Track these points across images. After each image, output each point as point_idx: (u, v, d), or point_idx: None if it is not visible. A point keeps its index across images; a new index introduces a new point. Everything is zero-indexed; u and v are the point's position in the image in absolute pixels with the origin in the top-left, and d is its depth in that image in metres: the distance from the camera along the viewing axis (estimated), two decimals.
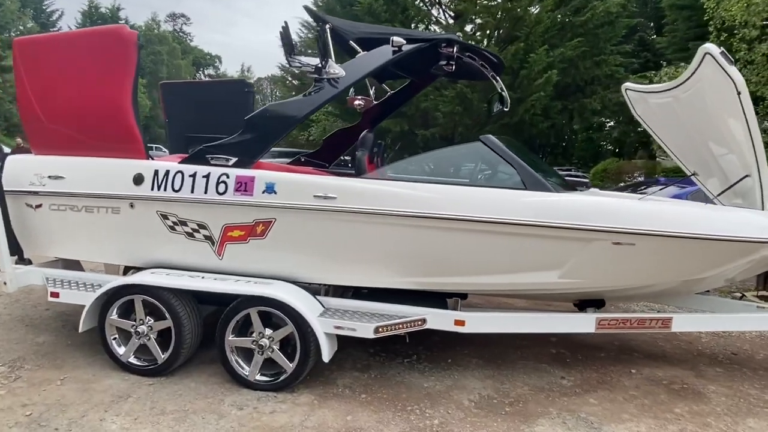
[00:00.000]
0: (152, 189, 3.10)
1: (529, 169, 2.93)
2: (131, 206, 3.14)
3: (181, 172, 3.09)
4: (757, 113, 3.89)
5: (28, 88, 3.23)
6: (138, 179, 3.10)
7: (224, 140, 3.16)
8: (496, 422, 2.75)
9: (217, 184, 3.03)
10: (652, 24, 23.92)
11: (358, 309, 3.11)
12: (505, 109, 3.76)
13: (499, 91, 3.72)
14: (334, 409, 2.81)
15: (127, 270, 3.90)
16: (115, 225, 3.22)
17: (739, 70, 3.19)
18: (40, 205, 3.31)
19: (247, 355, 3.02)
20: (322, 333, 2.84)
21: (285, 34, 3.03)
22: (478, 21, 10.40)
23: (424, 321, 3.03)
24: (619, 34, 10.07)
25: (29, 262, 3.57)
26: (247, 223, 3.04)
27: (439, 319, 3.06)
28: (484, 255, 2.95)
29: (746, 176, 3.31)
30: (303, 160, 4.75)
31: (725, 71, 2.87)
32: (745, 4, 6.62)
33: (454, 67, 3.88)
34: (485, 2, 8.44)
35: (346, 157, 6.11)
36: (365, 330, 2.88)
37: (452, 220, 2.84)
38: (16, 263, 3.45)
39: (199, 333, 3.13)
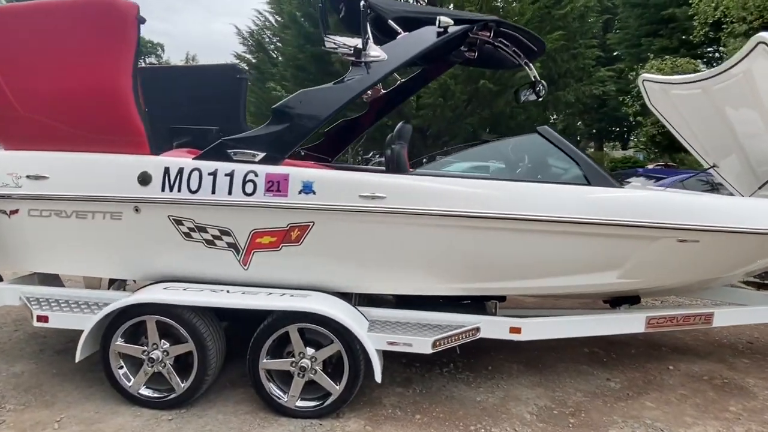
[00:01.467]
0: (163, 190, 2.58)
1: (591, 163, 2.67)
2: (136, 210, 2.60)
3: (199, 169, 2.58)
4: None
5: None
6: (144, 179, 2.56)
7: (248, 132, 2.69)
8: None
9: (244, 183, 2.55)
10: (600, 21, 24.76)
11: (404, 320, 2.75)
12: (539, 99, 3.47)
13: (533, 79, 3.42)
14: None
15: (111, 283, 3.33)
16: (115, 233, 2.67)
17: None
18: (15, 211, 2.70)
19: (283, 378, 2.59)
20: (374, 350, 2.47)
21: (322, 10, 2.58)
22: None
23: (478, 330, 2.72)
24: (594, 26, 10.17)
25: None
26: (279, 228, 2.59)
27: (492, 327, 2.76)
28: (544, 256, 2.68)
29: None
30: (303, 154, 4.27)
31: None
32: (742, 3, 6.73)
33: (476, 53, 3.56)
34: None
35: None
36: (422, 345, 2.53)
37: (516, 221, 2.53)
38: None
39: (224, 355, 2.65)
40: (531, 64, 3.45)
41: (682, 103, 3.93)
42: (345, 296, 2.74)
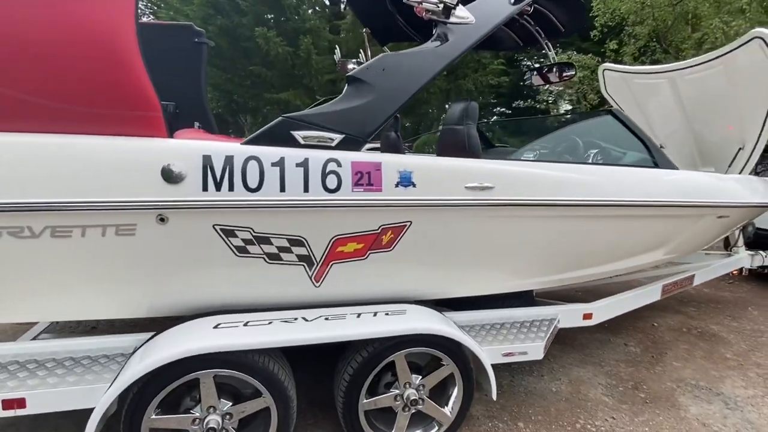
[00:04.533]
0: (205, 189, 1.68)
1: (657, 146, 2.53)
2: (161, 221, 1.66)
3: (257, 159, 1.74)
4: None
5: None
6: (172, 174, 1.63)
7: (318, 108, 1.91)
8: (654, 413, 2.46)
9: (324, 176, 1.80)
10: None
11: (488, 321, 2.34)
12: (562, 81, 3.24)
13: (551, 61, 3.16)
14: None
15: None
16: (123, 255, 1.68)
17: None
18: None
19: (383, 416, 1.97)
20: (490, 365, 2.00)
21: None
22: None
23: (558, 322, 2.44)
24: None
25: None
26: (369, 232, 1.92)
27: (569, 316, 2.52)
28: (624, 240, 2.51)
29: (740, 149, 3.54)
30: None
31: None
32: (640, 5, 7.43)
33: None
34: None
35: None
36: (536, 351, 2.18)
37: (617, 207, 2.28)
38: None
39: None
40: (550, 45, 3.18)
41: (641, 92, 4.13)
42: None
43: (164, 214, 1.68)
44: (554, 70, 3.07)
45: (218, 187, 1.70)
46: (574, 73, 2.88)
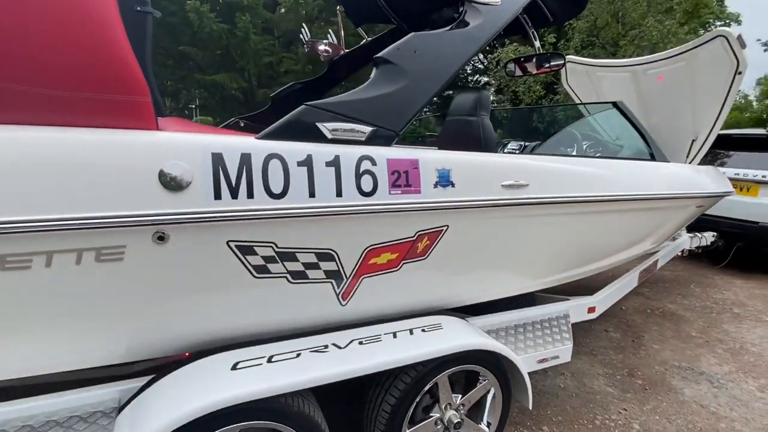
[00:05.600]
0: (218, 197, 1.31)
1: (653, 139, 2.55)
2: (159, 239, 1.27)
3: (280, 157, 1.40)
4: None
5: None
6: (174, 178, 1.25)
7: (344, 96, 1.60)
8: (657, 399, 2.53)
9: (358, 176, 1.51)
10: None
11: (507, 325, 2.22)
12: (550, 71, 3.17)
13: (537, 51, 3.09)
14: None
15: None
16: (105, 287, 1.28)
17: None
18: None
19: None
20: (527, 374, 1.88)
21: None
22: None
23: (570, 318, 2.40)
24: None
25: None
26: (405, 240, 1.67)
27: (576, 312, 2.50)
28: (625, 233, 2.51)
29: (693, 141, 3.79)
30: (242, 125, 3.05)
31: (734, 52, 3.09)
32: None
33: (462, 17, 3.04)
34: None
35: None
36: (566, 353, 2.10)
37: (626, 201, 2.25)
38: None
39: None
40: (537, 34, 3.10)
41: (602, 84, 4.25)
42: None
43: (164, 231, 1.28)
44: (533, 60, 2.99)
45: (234, 193, 1.34)
46: (563, 62, 2.82)
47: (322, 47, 3.15)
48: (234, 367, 1.40)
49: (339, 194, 1.48)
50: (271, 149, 1.40)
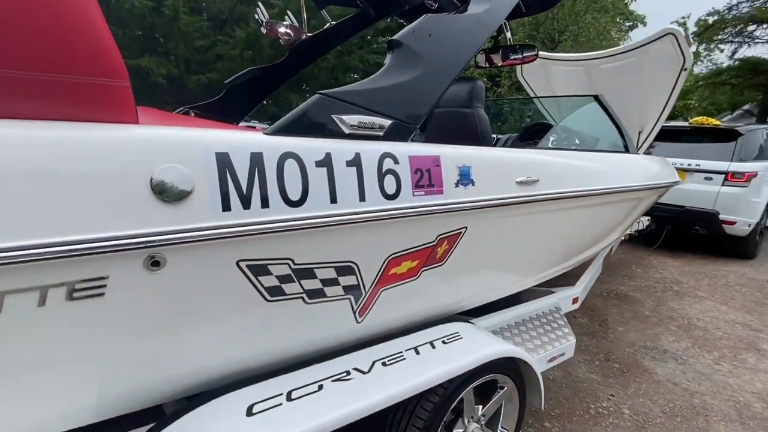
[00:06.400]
0: (226, 208, 1.06)
1: (626, 132, 2.62)
2: (153, 265, 1.00)
3: (296, 157, 1.17)
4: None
5: None
6: (170, 187, 0.98)
7: (359, 84, 1.39)
8: (636, 381, 2.64)
9: (381, 177, 1.33)
10: None
11: (507, 323, 2.17)
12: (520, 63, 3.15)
13: (508, 42, 3.07)
14: None
15: None
16: (79, 331, 0.98)
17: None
18: None
19: None
20: (540, 375, 1.84)
21: None
22: None
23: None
24: None
25: None
26: (426, 245, 1.52)
27: (563, 303, 2.51)
28: (607, 224, 2.56)
29: (640, 132, 4.03)
30: (193, 115, 2.73)
31: (681, 49, 3.29)
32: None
33: (437, 3, 2.95)
34: None
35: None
36: (570, 349, 2.06)
37: (616, 193, 2.29)
38: None
39: None
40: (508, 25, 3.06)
41: (557, 78, 4.38)
42: None
43: (159, 254, 1.00)
44: (499, 51, 2.95)
45: (246, 203, 1.08)
46: (535, 54, 2.81)
47: (282, 30, 2.86)
48: (250, 412, 1.15)
49: (362, 198, 1.28)
50: (286, 147, 1.16)
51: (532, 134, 2.69)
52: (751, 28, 16.41)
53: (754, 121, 13.73)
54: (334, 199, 1.22)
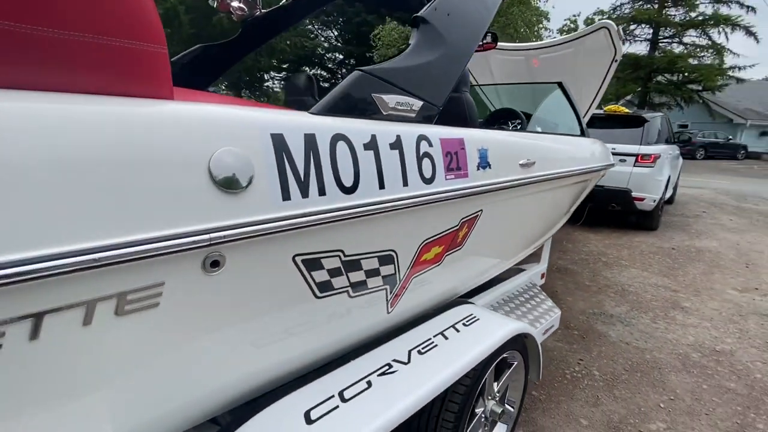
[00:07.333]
0: (286, 197, 0.95)
1: (581, 116, 2.84)
2: (213, 265, 0.87)
3: (347, 139, 1.09)
4: None
5: None
6: (231, 175, 0.86)
7: (393, 61, 1.31)
8: (597, 345, 2.90)
9: (420, 160, 1.29)
10: None
11: (497, 300, 2.27)
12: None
13: None
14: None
15: None
16: (128, 350, 0.82)
17: None
18: None
19: None
20: (541, 349, 1.96)
21: None
22: None
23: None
24: None
25: None
26: (450, 230, 1.52)
27: (534, 279, 2.69)
28: (569, 203, 2.77)
29: None
30: None
31: (613, 42, 3.64)
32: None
33: None
34: None
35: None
36: (557, 320, 2.22)
37: (582, 174, 2.48)
38: None
39: None
40: None
41: (499, 66, 4.59)
42: None
43: (218, 253, 0.86)
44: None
45: (305, 191, 0.97)
46: (494, 41, 2.92)
47: (235, 4, 2.63)
48: (309, 420, 1.06)
49: (405, 183, 1.22)
50: (336, 128, 1.06)
51: (497, 119, 2.79)
52: (632, 27, 18.69)
53: (635, 110, 15.80)
54: (382, 185, 1.15)
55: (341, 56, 19.00)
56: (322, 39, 16.86)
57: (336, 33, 17.81)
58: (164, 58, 0.83)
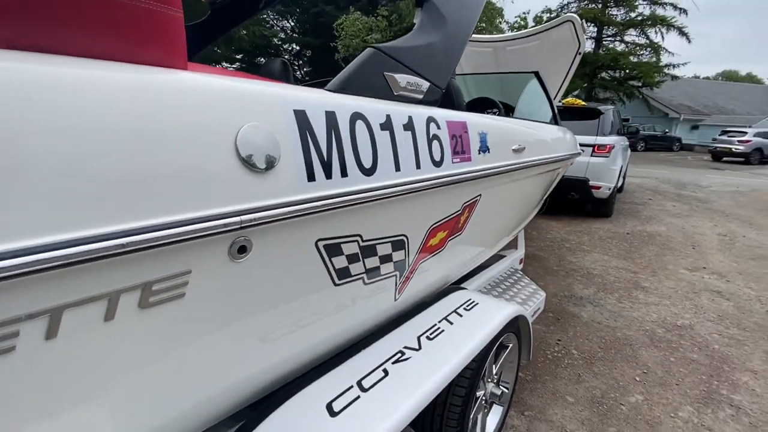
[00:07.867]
0: (311, 178, 0.90)
1: (554, 106, 2.93)
2: (240, 251, 0.81)
3: (365, 119, 1.05)
4: None
5: None
6: (257, 154, 0.81)
7: (402, 41, 1.28)
8: (572, 326, 3.01)
9: (429, 143, 1.27)
10: None
11: (487, 284, 2.31)
12: None
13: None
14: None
15: None
16: (150, 347, 0.75)
17: None
18: None
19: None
20: (532, 331, 2.02)
21: None
22: None
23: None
24: None
25: None
26: (454, 214, 1.51)
27: (514, 264, 2.76)
28: (545, 190, 2.86)
29: None
30: None
31: (577, 35, 3.79)
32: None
33: None
34: None
35: None
36: (543, 302, 2.28)
37: (562, 160, 2.57)
38: None
39: None
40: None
41: (467, 57, 4.64)
42: None
43: (246, 237, 0.79)
44: None
45: (328, 172, 0.92)
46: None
47: None
48: (333, 412, 1.01)
49: (418, 165, 1.19)
50: (354, 106, 1.01)
51: (474, 108, 2.82)
52: None
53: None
54: (398, 167, 1.12)
55: (298, 47, 18.56)
56: (278, 29, 16.37)
57: (292, 23, 17.35)
58: (180, 24, 0.75)
